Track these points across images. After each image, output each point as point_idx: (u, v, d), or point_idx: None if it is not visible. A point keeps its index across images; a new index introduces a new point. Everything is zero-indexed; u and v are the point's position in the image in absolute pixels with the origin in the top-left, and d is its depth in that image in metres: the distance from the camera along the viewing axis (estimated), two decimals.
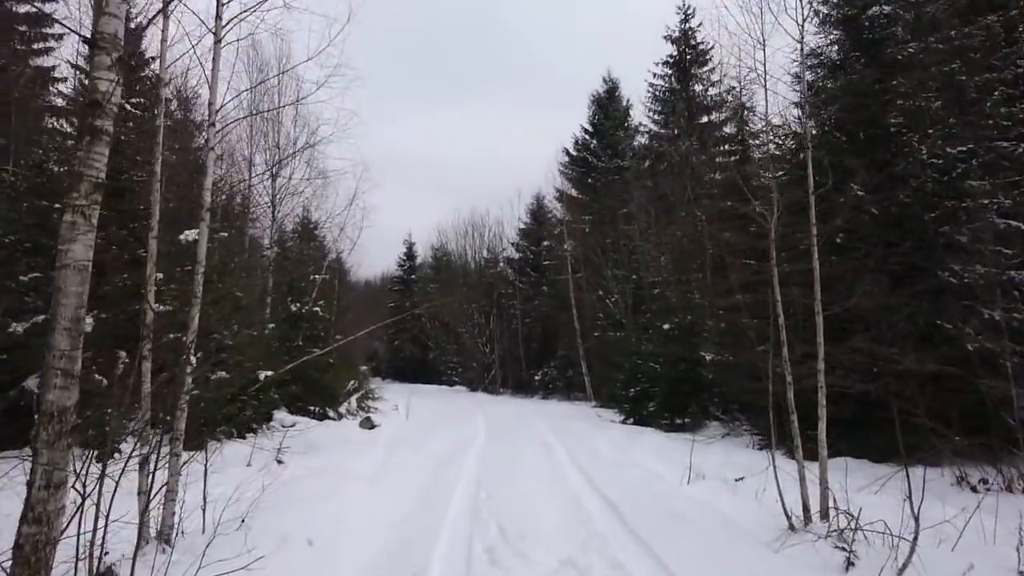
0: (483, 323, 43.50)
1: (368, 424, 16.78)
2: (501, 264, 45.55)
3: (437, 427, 17.52)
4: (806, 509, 7.34)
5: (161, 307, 8.83)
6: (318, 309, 16.56)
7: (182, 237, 9.56)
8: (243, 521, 6.56)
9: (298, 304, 16.32)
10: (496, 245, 45.97)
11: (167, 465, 6.40)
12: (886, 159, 14.18)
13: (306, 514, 7.31)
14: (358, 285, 60.76)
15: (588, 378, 32.81)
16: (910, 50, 14.08)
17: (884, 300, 12.41)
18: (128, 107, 13.26)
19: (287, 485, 8.86)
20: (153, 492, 5.49)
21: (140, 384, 6.48)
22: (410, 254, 60.86)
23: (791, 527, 7.16)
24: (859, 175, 13.42)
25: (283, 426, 14.81)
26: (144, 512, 5.58)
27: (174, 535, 6.30)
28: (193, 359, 6.75)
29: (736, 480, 8.21)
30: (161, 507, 6.41)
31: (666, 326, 19.15)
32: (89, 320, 6.16)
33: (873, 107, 14.17)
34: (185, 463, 6.75)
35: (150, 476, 5.48)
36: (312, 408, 16.91)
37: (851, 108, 14.47)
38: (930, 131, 13.29)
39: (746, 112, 25.85)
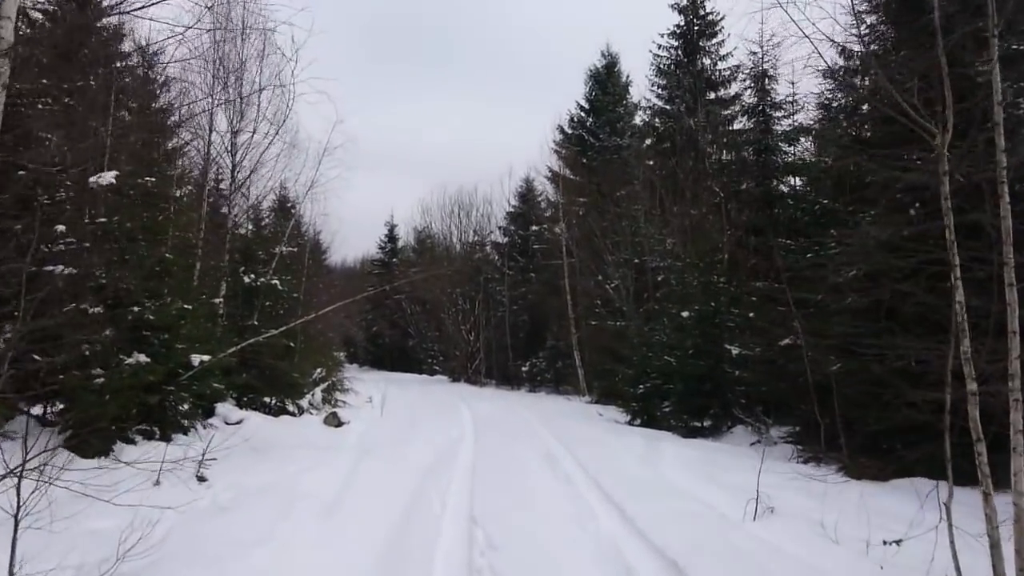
0: (467, 309, 40.77)
1: (334, 421, 14.06)
2: (488, 247, 42.78)
3: (416, 426, 14.81)
4: None
5: None
6: (277, 283, 13.77)
7: None
8: None
9: (252, 276, 13.52)
10: (484, 226, 43.16)
11: None
12: None
13: None
14: (337, 268, 58.01)
15: (582, 371, 30.24)
16: None
17: None
18: None
19: (201, 521, 6.16)
20: None
21: None
22: (392, 236, 57.98)
23: None
24: None
25: (227, 423, 12.05)
26: None
27: None
28: None
29: (888, 543, 5.57)
30: None
31: (685, 313, 16.54)
32: None
33: None
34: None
35: None
36: (268, 401, 14.16)
37: None
38: None
39: (767, 81, 23.32)
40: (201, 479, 7.82)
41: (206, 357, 10.31)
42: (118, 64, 25.69)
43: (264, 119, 18.65)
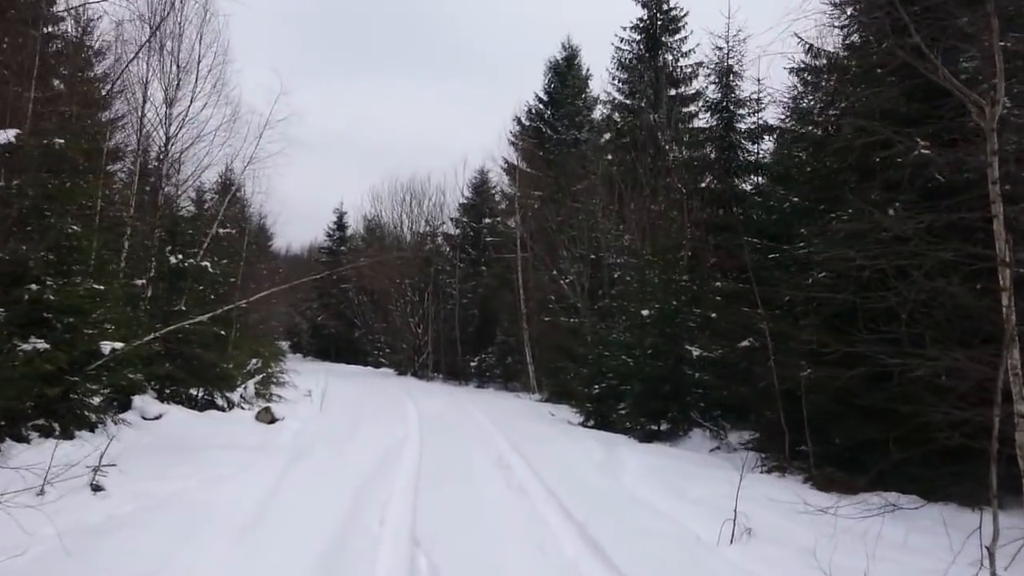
0: (416, 301, 39.60)
1: (267, 417, 12.91)
2: (439, 239, 41.64)
3: (358, 423, 13.75)
4: None
5: None
6: (207, 264, 12.54)
7: None
8: None
9: (180, 257, 12.28)
10: (436, 216, 41.99)
11: None
12: None
13: None
14: (281, 254, 56.13)
15: (532, 368, 29.43)
16: None
17: None
18: None
19: (85, 542, 5.09)
20: None
21: None
22: (340, 223, 56.33)
23: None
24: None
25: (144, 418, 10.86)
26: None
27: None
28: None
29: None
30: None
31: (644, 312, 15.81)
32: None
33: None
34: None
35: None
36: (194, 393, 12.95)
37: None
38: None
39: (732, 77, 22.79)
40: (96, 488, 6.68)
41: (119, 345, 9.12)
42: (49, 28, 23.94)
43: (203, 92, 17.37)
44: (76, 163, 8.75)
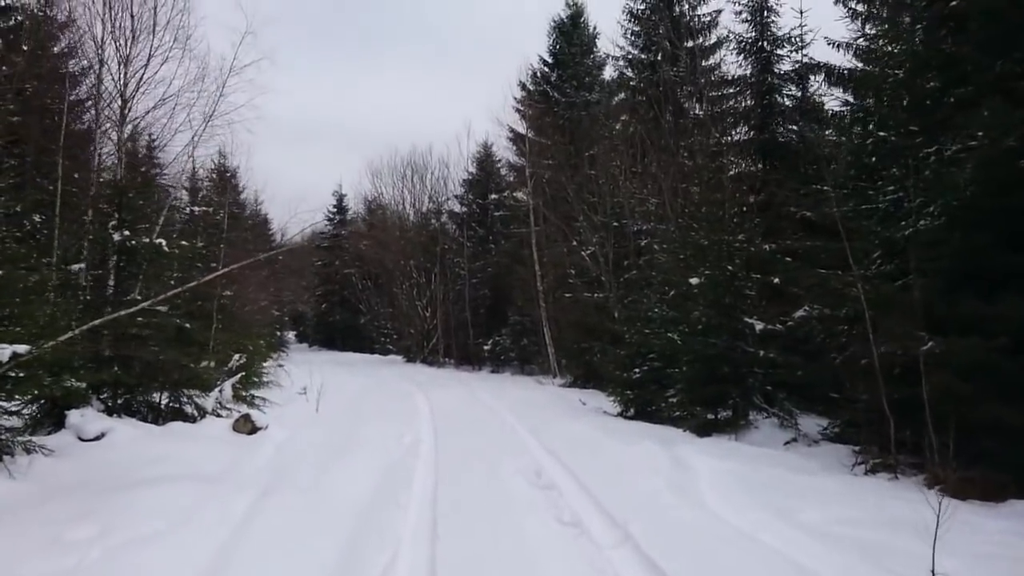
0: (423, 283, 37.16)
1: (246, 426, 10.52)
2: (444, 216, 39.08)
3: (356, 429, 11.32)
4: None
5: None
6: (162, 242, 10.10)
7: None
8: None
9: (126, 233, 9.84)
10: (440, 191, 39.40)
11: None
12: None
13: None
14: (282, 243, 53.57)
15: (552, 349, 27.00)
16: None
17: None
18: None
19: None
20: None
21: None
22: (340, 206, 53.81)
23: None
24: None
25: (81, 439, 8.48)
26: None
27: None
28: None
29: None
30: None
31: (693, 280, 13.31)
32: None
33: None
34: None
35: None
36: (156, 400, 10.58)
37: None
38: None
39: (767, 13, 20.13)
40: None
41: (22, 348, 6.69)
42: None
43: (163, 48, 14.89)
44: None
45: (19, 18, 19.88)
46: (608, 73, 31.80)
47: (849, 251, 9.83)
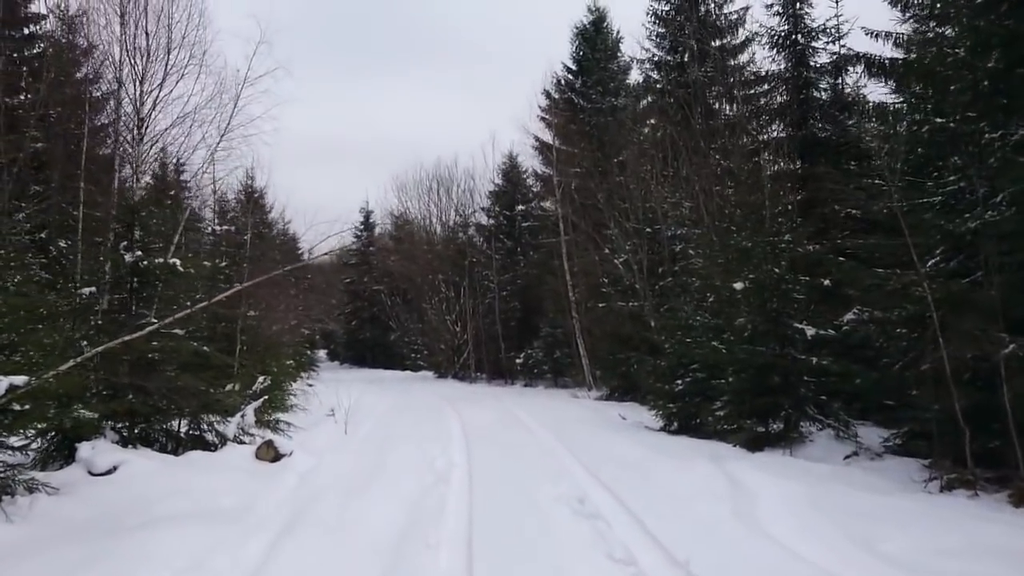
0: (452, 297, 36.60)
1: (269, 453, 9.96)
2: (472, 229, 38.55)
3: (386, 453, 10.70)
4: None
5: None
6: (176, 261, 9.61)
7: None
8: None
9: (139, 254, 9.36)
10: (467, 203, 38.88)
11: None
12: None
13: None
14: (312, 262, 53.28)
15: (586, 361, 26.25)
16: None
17: None
18: None
19: None
20: None
21: None
22: (367, 224, 53.45)
23: None
24: None
25: (92, 473, 7.96)
26: None
27: None
28: None
29: None
30: None
31: (738, 285, 12.53)
32: None
33: None
34: None
35: None
36: (175, 428, 10.07)
37: None
38: None
39: (800, 5, 19.33)
40: None
41: (20, 379, 6.17)
42: (29, 28, 21.42)
43: (177, 65, 14.54)
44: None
45: (43, 45, 19.89)
46: (634, 77, 31.26)
47: (912, 247, 9.02)
